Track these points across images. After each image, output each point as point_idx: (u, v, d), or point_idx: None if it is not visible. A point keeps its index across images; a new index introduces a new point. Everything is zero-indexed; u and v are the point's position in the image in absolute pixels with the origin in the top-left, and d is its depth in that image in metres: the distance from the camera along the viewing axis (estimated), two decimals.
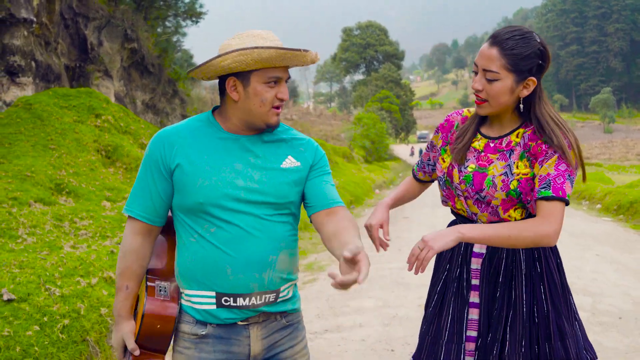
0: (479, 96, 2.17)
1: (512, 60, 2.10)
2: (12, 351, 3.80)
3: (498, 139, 2.22)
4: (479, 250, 2.23)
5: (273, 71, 1.91)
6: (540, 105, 2.17)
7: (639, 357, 4.30)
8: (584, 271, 7.11)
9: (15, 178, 7.91)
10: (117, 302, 2.07)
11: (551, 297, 2.16)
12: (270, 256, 1.95)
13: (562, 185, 2.04)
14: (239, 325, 1.98)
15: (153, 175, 2.01)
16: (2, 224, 5.91)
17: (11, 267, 4.67)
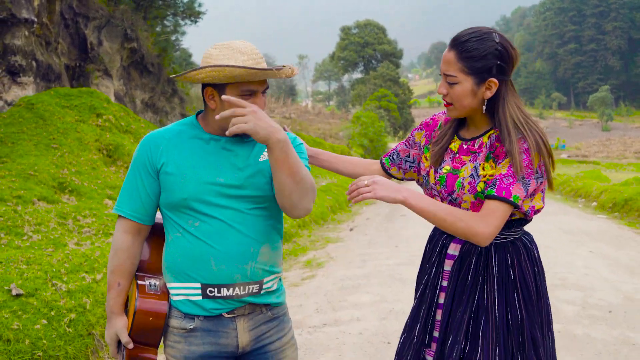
0: (445, 100, 2.18)
1: (468, 63, 2.08)
2: (21, 344, 3.94)
3: (471, 140, 2.20)
4: (453, 252, 2.23)
5: (247, 85, 1.97)
6: (503, 107, 2.12)
7: (626, 348, 4.45)
8: (576, 266, 7.27)
9: (19, 177, 8.05)
10: (110, 299, 2.14)
11: (525, 305, 2.13)
12: (252, 248, 2.03)
13: (508, 186, 2.01)
14: (225, 318, 2.05)
15: (141, 175, 2.10)
16: (7, 222, 6.05)
17: (19, 263, 4.80)
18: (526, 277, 2.15)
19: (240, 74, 1.91)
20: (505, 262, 2.14)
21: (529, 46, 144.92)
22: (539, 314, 2.16)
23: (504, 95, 2.12)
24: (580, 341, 4.60)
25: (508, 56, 2.10)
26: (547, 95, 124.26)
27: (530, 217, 2.17)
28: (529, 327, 2.11)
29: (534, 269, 2.18)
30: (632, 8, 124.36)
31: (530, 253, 2.19)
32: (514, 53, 2.13)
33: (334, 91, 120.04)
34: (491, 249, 2.15)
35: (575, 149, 74.09)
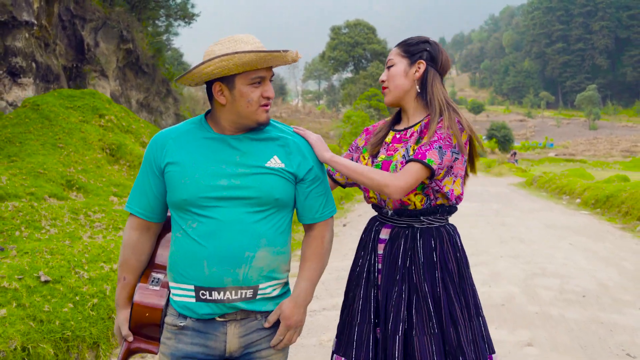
0: (384, 86, 2.49)
1: (403, 47, 2.46)
2: (52, 324, 4.36)
3: (404, 130, 2.46)
4: (384, 236, 2.43)
5: (256, 72, 1.98)
6: (431, 89, 2.41)
7: (595, 326, 4.95)
8: (556, 257, 7.78)
9: (29, 175, 8.46)
10: (117, 292, 2.20)
11: (444, 285, 2.31)
12: (246, 252, 1.99)
13: (425, 151, 2.23)
14: (217, 321, 2.03)
15: (148, 175, 2.12)
16: (26, 217, 6.47)
17: (43, 254, 5.23)
18: (447, 260, 2.34)
19: (250, 60, 1.91)
20: (429, 244, 2.35)
21: (517, 45, 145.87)
22: (463, 295, 2.34)
23: (432, 81, 2.42)
24: (555, 320, 5.09)
25: (438, 51, 2.45)
26: (535, 94, 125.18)
27: (453, 203, 2.39)
28: (447, 304, 2.29)
29: (455, 254, 2.37)
30: (619, 7, 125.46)
31: (452, 239, 2.39)
32: (444, 53, 2.47)
33: (323, 90, 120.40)
34: (417, 233, 2.37)
35: (562, 147, 74.91)
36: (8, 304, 4.19)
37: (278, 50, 1.94)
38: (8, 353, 3.80)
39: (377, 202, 2.49)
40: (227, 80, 1.98)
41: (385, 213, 2.46)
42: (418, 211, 2.37)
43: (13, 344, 3.85)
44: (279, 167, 2.06)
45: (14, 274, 4.59)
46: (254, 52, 1.90)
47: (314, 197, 2.14)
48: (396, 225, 2.42)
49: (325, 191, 2.18)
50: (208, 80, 2.03)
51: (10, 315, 4.07)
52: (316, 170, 2.15)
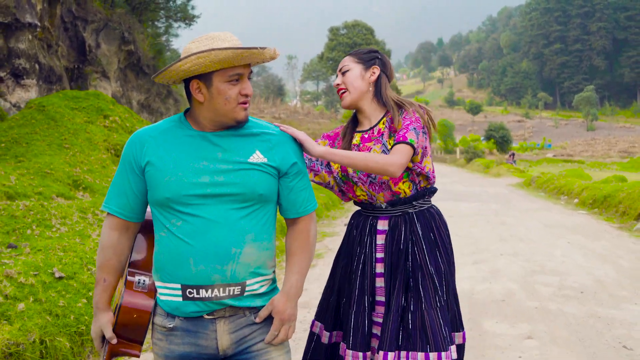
0: (340, 89, 2.71)
1: (357, 55, 2.71)
2: (67, 319, 4.50)
3: (369, 130, 2.68)
4: (382, 227, 2.62)
5: (233, 69, 1.97)
6: (384, 90, 2.69)
7: (592, 320, 5.10)
8: (555, 255, 7.94)
9: (37, 175, 8.60)
10: (96, 294, 2.14)
11: (447, 261, 2.59)
12: (233, 248, 1.98)
13: (404, 134, 2.48)
14: (205, 319, 2.02)
15: (127, 173, 2.09)
16: (37, 215, 6.61)
17: (56, 251, 5.38)
18: (443, 238, 2.61)
19: (226, 56, 1.90)
20: (428, 226, 2.60)
21: (515, 46, 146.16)
22: (454, 268, 2.66)
23: (385, 85, 2.71)
24: (554, 315, 5.25)
25: (387, 61, 2.75)
26: (533, 95, 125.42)
27: (432, 182, 2.65)
28: (450, 278, 2.60)
29: (446, 232, 2.65)
30: (617, 9, 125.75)
31: (442, 219, 2.68)
32: (390, 64, 2.77)
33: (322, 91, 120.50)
34: (414, 217, 2.60)
35: (560, 148, 75.09)
36: (25, 299, 4.33)
37: (255, 47, 1.93)
38: (27, 345, 3.94)
39: (367, 199, 2.66)
40: (205, 78, 1.97)
41: (379, 207, 2.63)
42: (409, 197, 2.59)
43: (32, 336, 3.99)
44: (262, 161, 2.05)
45: (30, 270, 4.73)
46: (231, 49, 1.90)
47: (298, 192, 2.15)
48: (392, 215, 2.61)
49: (308, 185, 2.20)
50: (186, 78, 2.01)
51: (28, 309, 4.21)
52: (299, 164, 2.16)
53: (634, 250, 8.51)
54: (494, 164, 37.40)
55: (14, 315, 4.08)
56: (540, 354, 4.30)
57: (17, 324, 4.01)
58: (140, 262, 2.17)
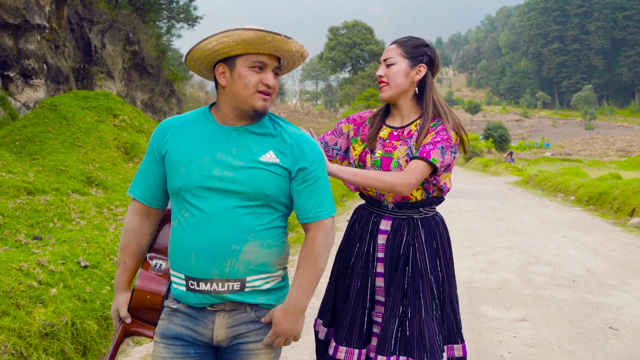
0: (382, 81, 2.59)
1: (406, 49, 2.57)
2: (94, 304, 4.85)
3: (400, 128, 2.59)
4: (385, 227, 2.58)
5: (257, 56, 1.99)
6: (429, 91, 2.58)
7: (583, 305, 5.47)
8: (549, 248, 8.31)
9: (52, 172, 8.95)
10: (117, 275, 2.23)
11: (446, 269, 2.55)
12: (233, 245, 1.99)
13: (429, 150, 2.41)
14: (207, 310, 2.06)
15: (150, 161, 2.15)
16: (57, 210, 6.96)
17: (80, 242, 5.72)
18: (445, 247, 2.57)
19: (249, 37, 1.93)
20: (431, 233, 2.55)
21: (513, 46, 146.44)
22: (454, 278, 2.59)
23: (430, 84, 2.60)
24: (547, 300, 5.61)
25: (436, 56, 2.63)
26: (531, 95, 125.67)
27: (444, 195, 2.61)
28: (448, 287, 2.54)
29: (448, 240, 2.61)
30: (615, 8, 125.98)
31: (445, 228, 2.62)
32: (439, 58, 2.65)
33: (321, 90, 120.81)
34: (418, 223, 2.55)
35: (559, 147, 75.45)
36: (56, 285, 4.68)
37: (279, 33, 1.95)
38: (61, 326, 4.28)
39: (375, 197, 2.61)
40: (229, 62, 2.01)
41: (385, 206, 2.58)
42: (418, 203, 2.54)
43: (64, 319, 4.34)
44: (273, 162, 2.04)
45: (58, 260, 5.07)
46: (253, 30, 1.93)
47: (307, 195, 2.09)
48: (396, 217, 2.56)
49: (322, 190, 2.11)
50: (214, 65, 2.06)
51: (60, 294, 4.56)
52: (313, 167, 2.10)
53: (625, 243, 8.87)
54: (492, 163, 37.73)
55: (48, 299, 4.43)
56: (533, 334, 4.66)
57: (51, 307, 4.35)
58: (160, 247, 2.25)
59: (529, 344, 4.46)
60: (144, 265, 2.20)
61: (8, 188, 7.37)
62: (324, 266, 2.07)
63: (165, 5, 25.29)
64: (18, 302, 4.20)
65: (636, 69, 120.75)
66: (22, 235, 5.94)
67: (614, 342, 4.50)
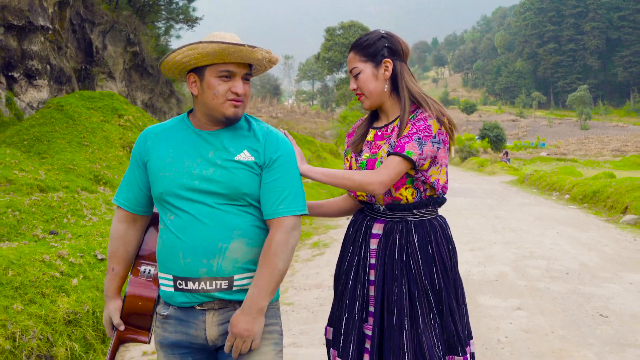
0: (357, 93, 2.45)
1: (363, 51, 2.41)
2: None
3: (384, 127, 2.45)
4: (377, 231, 2.40)
5: (224, 66, 2.02)
6: (402, 81, 2.40)
7: (575, 295, 5.76)
8: (544, 243, 8.61)
9: (61, 170, 9.20)
10: (105, 282, 2.24)
11: (442, 277, 2.33)
12: (219, 243, 2.02)
13: (404, 144, 2.25)
14: (196, 310, 2.07)
15: (133, 169, 2.19)
16: (70, 206, 7.21)
17: (95, 236, 5.98)
18: (442, 253, 2.36)
19: (213, 50, 1.97)
20: (425, 238, 2.35)
21: (509, 46, 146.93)
22: (454, 286, 2.39)
23: (401, 74, 2.42)
24: (541, 291, 5.90)
25: (395, 41, 2.43)
26: (527, 95, 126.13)
27: (440, 193, 2.40)
28: (446, 297, 2.33)
29: (448, 246, 2.39)
30: (610, 9, 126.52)
31: (445, 232, 2.41)
32: (401, 40, 2.45)
33: (317, 90, 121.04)
34: (411, 227, 2.36)
35: (554, 147, 75.87)
36: (77, 276, 4.94)
37: (242, 44, 1.98)
38: (83, 314, 4.54)
39: (366, 199, 2.47)
40: (199, 72, 2.05)
41: (377, 209, 2.43)
42: (410, 204, 2.36)
43: (85, 307, 4.60)
44: (249, 160, 2.08)
45: (76, 252, 5.32)
46: (217, 43, 1.96)
47: (270, 191, 2.09)
48: (389, 220, 2.40)
49: (285, 187, 2.10)
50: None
51: (80, 284, 4.82)
52: (278, 163, 2.11)
53: (618, 239, 9.17)
54: (488, 163, 38.07)
55: (70, 289, 4.69)
56: (528, 321, 4.95)
57: (73, 296, 4.61)
58: (147, 253, 2.28)
59: (524, 329, 4.75)
60: (133, 272, 2.22)
61: (21, 185, 7.62)
62: (283, 267, 2.03)
63: (164, 6, 25.52)
64: (43, 292, 4.46)
65: (631, 69, 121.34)
66: (39, 230, 6.20)
67: (604, 328, 4.79)
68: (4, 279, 4.31)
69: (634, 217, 11.14)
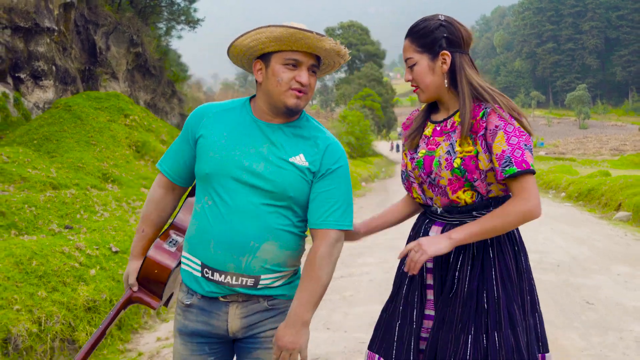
0: (413, 85, 2.29)
1: (419, 41, 2.22)
2: None
3: (443, 121, 2.27)
4: (434, 234, 2.24)
5: (291, 53, 1.99)
6: (461, 75, 2.20)
7: (565, 286, 6.09)
8: (538, 239, 8.93)
9: (70, 168, 9.51)
10: (134, 241, 2.27)
11: (502, 283, 2.14)
12: (252, 242, 1.99)
13: (522, 157, 2.04)
14: (220, 301, 2.07)
15: (182, 141, 2.18)
16: (82, 202, 7.52)
17: (109, 231, 6.29)
18: (505, 256, 2.17)
19: (280, 34, 1.93)
20: (484, 241, 2.17)
21: (508, 45, 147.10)
22: (520, 294, 2.18)
23: (461, 67, 2.22)
24: None
25: (455, 29, 2.23)
26: (526, 94, 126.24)
27: (508, 194, 2.20)
28: (505, 304, 2.12)
29: (513, 248, 2.21)
30: (608, 8, 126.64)
31: (509, 233, 2.21)
32: (461, 28, 2.25)
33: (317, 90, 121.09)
34: None
35: (553, 146, 76.06)
36: (94, 267, 5.24)
37: (311, 30, 1.95)
38: (101, 302, 4.85)
39: (423, 202, 2.33)
40: (265, 58, 2.03)
41: (435, 211, 2.28)
42: (470, 206, 2.19)
43: (103, 296, 4.90)
44: (302, 165, 2.04)
45: (92, 245, 5.63)
46: (285, 27, 1.93)
47: (321, 201, 2.05)
48: (448, 223, 2.24)
49: (337, 200, 2.06)
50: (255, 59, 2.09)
51: (98, 275, 5.13)
52: (337, 174, 2.08)
53: (610, 235, 9.49)
54: None
55: (89, 279, 5.00)
56: None
57: (91, 285, 4.92)
58: (180, 223, 2.30)
59: None
60: (162, 236, 2.25)
61: (35, 183, 7.93)
62: (326, 280, 2.01)
63: (166, 7, 25.82)
64: (64, 280, 4.77)
65: (630, 68, 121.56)
66: (55, 225, 6.50)
67: (589, 314, 5.11)
68: (28, 268, 4.62)
69: (626, 214, 11.45)
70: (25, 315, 4.14)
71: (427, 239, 2.09)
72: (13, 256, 4.66)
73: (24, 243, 5.05)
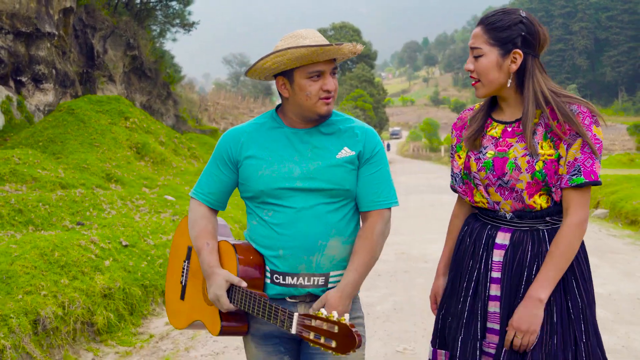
0: (472, 77, 2.14)
1: (493, 33, 2.08)
2: (136, 275, 5.94)
3: (515, 122, 2.14)
4: (502, 241, 2.13)
5: (313, 66, 2.02)
6: (530, 81, 2.08)
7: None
8: None
9: (76, 169, 10.03)
10: (204, 257, 2.16)
11: (585, 291, 2.07)
12: (319, 241, 2.06)
13: (592, 167, 1.98)
14: (287, 302, 2.12)
15: (219, 167, 2.20)
16: (91, 201, 8.04)
17: (118, 227, 6.81)
18: (580, 261, 2.09)
19: (302, 54, 1.97)
20: None
21: None
22: (594, 301, 2.12)
23: (531, 71, 2.08)
24: None
25: (534, 30, 2.09)
26: None
27: None
28: (589, 315, 2.06)
29: (585, 257, 2.14)
30: (598, 9, 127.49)
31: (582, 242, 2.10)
32: (540, 30, 2.11)
33: None
34: (545, 236, 2.09)
35: None
36: (107, 258, 5.77)
37: (330, 43, 1.97)
38: (115, 290, 5.38)
39: (487, 207, 2.19)
40: (288, 75, 2.06)
41: (502, 216, 2.15)
42: (544, 211, 2.09)
43: (117, 284, 5.43)
44: (350, 155, 2.11)
45: (104, 240, 6.15)
46: (305, 47, 1.96)
47: (370, 183, 2.13)
48: (517, 229, 2.12)
49: (382, 181, 2.15)
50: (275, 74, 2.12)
51: (111, 266, 5.65)
52: (376, 158, 2.16)
53: (587, 231, 10.04)
54: None
55: (104, 269, 5.53)
56: None
57: (107, 275, 5.45)
58: None
59: None
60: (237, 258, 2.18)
61: (45, 183, 8.45)
62: (378, 256, 2.14)
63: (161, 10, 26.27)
64: (83, 270, 5.31)
65: (619, 68, 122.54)
66: (67, 222, 7.02)
67: None
68: (52, 259, 5.15)
69: (603, 211, 12.06)
70: (51, 300, 4.66)
71: (518, 318, 2.02)
72: (38, 248, 5.19)
73: (45, 237, 5.58)
